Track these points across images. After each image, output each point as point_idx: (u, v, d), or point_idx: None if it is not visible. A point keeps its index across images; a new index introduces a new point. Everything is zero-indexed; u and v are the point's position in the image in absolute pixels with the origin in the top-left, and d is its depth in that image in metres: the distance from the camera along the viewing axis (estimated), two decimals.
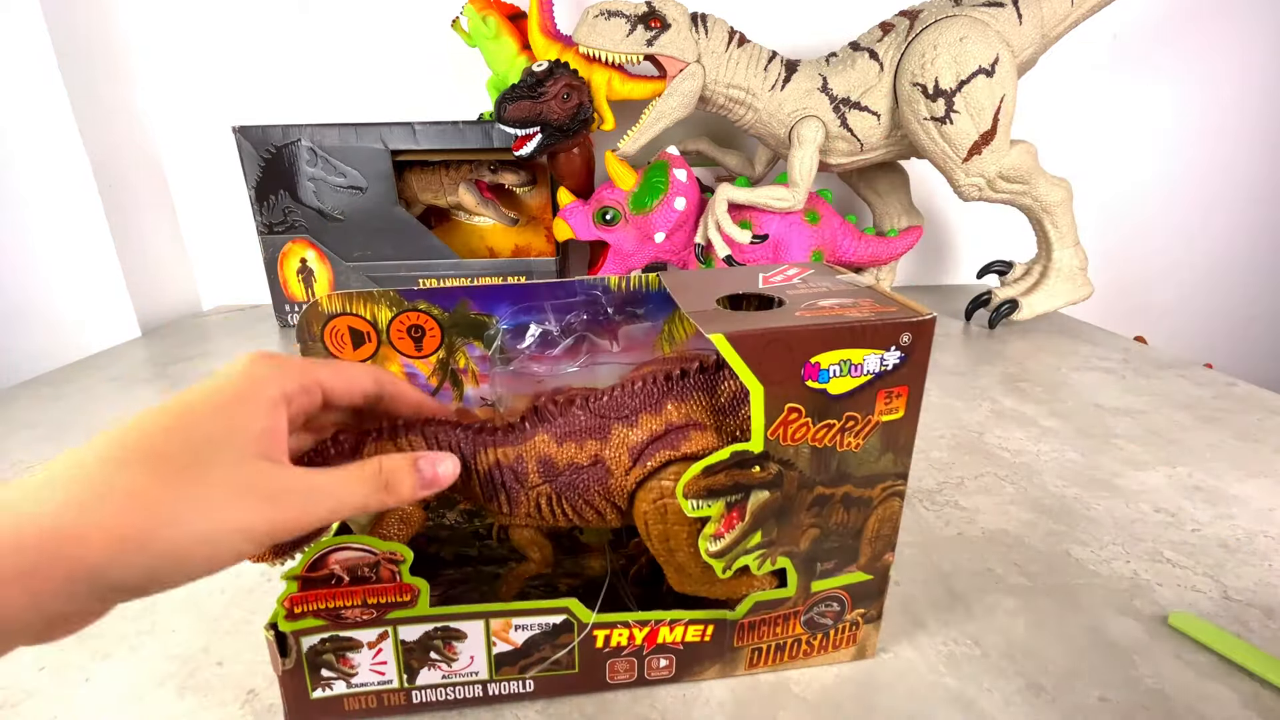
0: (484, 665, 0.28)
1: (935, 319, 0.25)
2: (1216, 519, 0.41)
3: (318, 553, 0.25)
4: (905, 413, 0.26)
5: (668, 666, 0.29)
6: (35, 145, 0.75)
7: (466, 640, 0.27)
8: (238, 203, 0.85)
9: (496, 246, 0.88)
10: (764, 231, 0.74)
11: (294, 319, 0.82)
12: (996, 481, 0.46)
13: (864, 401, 0.25)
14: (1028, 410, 0.56)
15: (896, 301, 0.27)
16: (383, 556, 0.25)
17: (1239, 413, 0.55)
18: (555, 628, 0.28)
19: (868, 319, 0.25)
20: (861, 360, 0.25)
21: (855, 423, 0.26)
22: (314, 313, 0.29)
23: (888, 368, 0.25)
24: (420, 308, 0.30)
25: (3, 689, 0.30)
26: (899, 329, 0.25)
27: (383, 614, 0.26)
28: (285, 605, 0.25)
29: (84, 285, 0.80)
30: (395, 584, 0.26)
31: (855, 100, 0.69)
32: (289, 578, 0.25)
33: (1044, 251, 0.73)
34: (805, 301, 0.27)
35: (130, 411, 0.59)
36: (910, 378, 0.26)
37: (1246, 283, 1.03)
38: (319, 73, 0.86)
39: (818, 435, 0.26)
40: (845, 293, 0.28)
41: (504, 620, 0.27)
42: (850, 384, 0.25)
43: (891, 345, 0.25)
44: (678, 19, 0.68)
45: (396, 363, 0.31)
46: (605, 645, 0.28)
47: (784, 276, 0.30)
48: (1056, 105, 0.91)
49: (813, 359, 0.24)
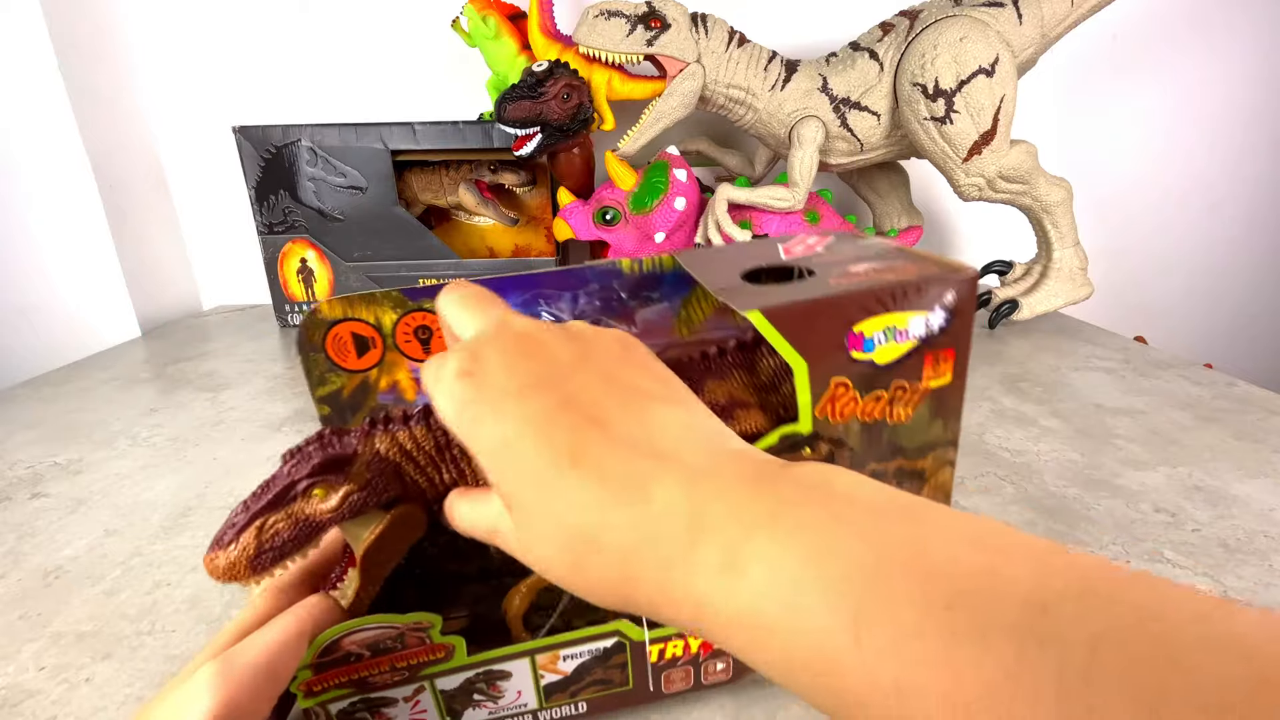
0: (533, 697, 0.26)
1: (978, 273, 0.24)
2: (1216, 519, 0.41)
3: (328, 640, 0.22)
4: (953, 377, 0.24)
5: (724, 669, 0.28)
6: (35, 145, 0.75)
7: (512, 678, 0.25)
8: (238, 203, 0.85)
9: (496, 246, 0.88)
10: (764, 231, 0.74)
11: (294, 319, 0.82)
12: (996, 481, 0.46)
13: (911, 368, 0.24)
14: (1028, 410, 0.56)
15: (931, 260, 0.25)
16: (406, 629, 0.23)
17: (1239, 413, 0.55)
18: (606, 651, 0.26)
19: (908, 279, 0.23)
20: (906, 325, 0.23)
21: (904, 392, 0.24)
22: (314, 321, 0.27)
23: (934, 330, 0.23)
24: (426, 307, 0.28)
25: (3, 689, 0.30)
26: (944, 286, 0.23)
27: (415, 673, 0.24)
28: (301, 689, 0.23)
29: (84, 285, 0.80)
30: (426, 646, 0.23)
31: (855, 100, 0.69)
32: (301, 668, 0.22)
33: (1044, 251, 0.73)
34: (836, 269, 0.25)
35: (130, 411, 0.59)
36: (956, 339, 0.24)
37: (1246, 283, 1.03)
38: (319, 73, 0.86)
39: (866, 409, 0.24)
40: (875, 255, 0.26)
41: (551, 654, 0.25)
42: (897, 351, 0.23)
43: (936, 305, 0.23)
44: (678, 19, 0.68)
45: (404, 368, 0.29)
46: (660, 659, 0.26)
47: (805, 246, 0.29)
48: (1056, 105, 0.91)
49: (856, 328, 0.23)
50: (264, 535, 0.22)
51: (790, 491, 0.15)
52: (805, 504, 0.15)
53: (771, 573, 0.14)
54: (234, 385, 0.65)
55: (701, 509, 0.15)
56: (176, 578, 0.38)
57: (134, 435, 0.55)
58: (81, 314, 0.81)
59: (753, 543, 0.14)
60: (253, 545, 0.22)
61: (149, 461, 0.51)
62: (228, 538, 0.22)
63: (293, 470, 0.23)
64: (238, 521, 0.22)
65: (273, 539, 0.22)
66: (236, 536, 0.22)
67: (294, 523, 0.22)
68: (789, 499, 0.15)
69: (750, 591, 0.14)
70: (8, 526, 0.43)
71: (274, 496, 0.22)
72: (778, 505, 0.15)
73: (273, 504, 0.22)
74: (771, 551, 0.14)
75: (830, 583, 0.13)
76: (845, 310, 0.22)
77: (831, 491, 0.15)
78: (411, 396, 0.30)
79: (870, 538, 0.14)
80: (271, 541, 0.22)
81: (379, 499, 0.23)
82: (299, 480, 0.22)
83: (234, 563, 0.21)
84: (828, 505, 0.15)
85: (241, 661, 0.20)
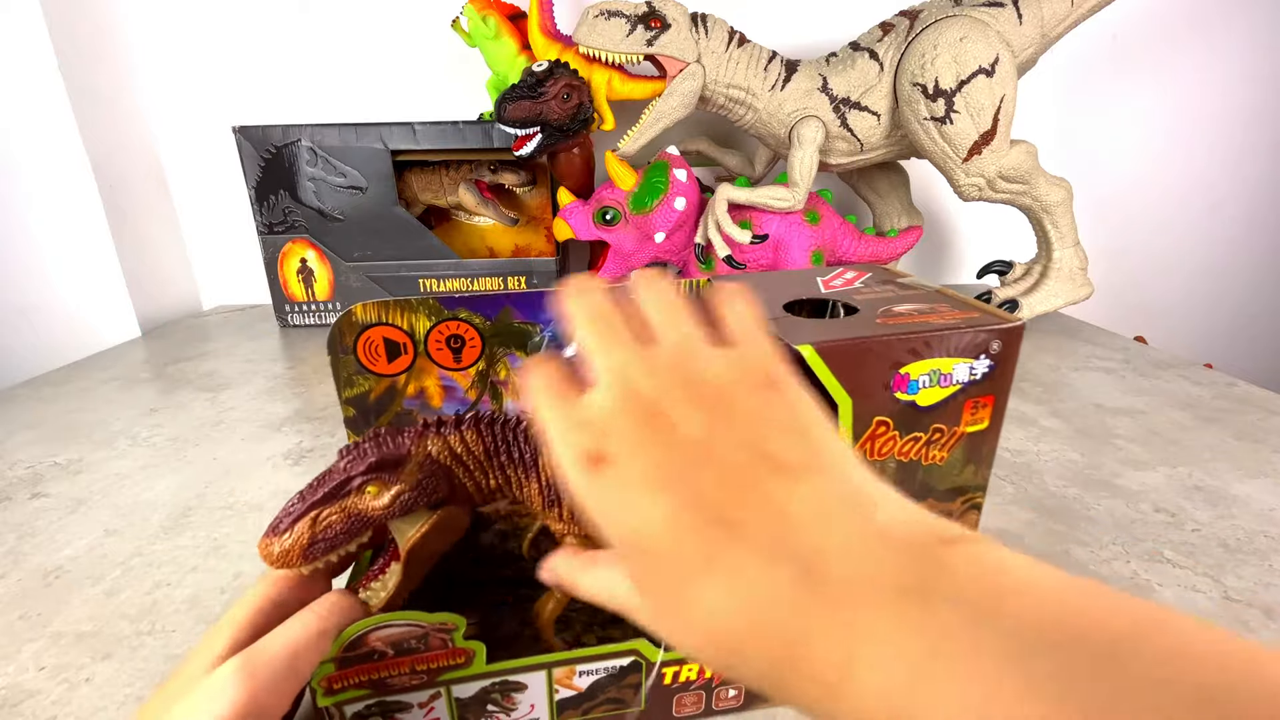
0: (545, 712, 0.26)
1: (1024, 326, 0.24)
2: (1216, 519, 0.41)
3: (355, 634, 0.22)
4: (990, 423, 0.25)
5: (736, 696, 0.28)
6: (35, 145, 0.75)
7: (527, 691, 0.25)
8: (238, 203, 0.85)
9: (496, 246, 0.88)
10: (764, 231, 0.74)
11: (294, 319, 0.82)
12: (996, 481, 0.46)
13: (951, 413, 0.24)
14: (1028, 410, 0.56)
15: (974, 306, 0.25)
16: (431, 629, 0.23)
17: (1239, 413, 0.55)
18: (622, 669, 0.26)
19: (958, 325, 0.23)
20: (951, 370, 0.24)
21: (941, 435, 0.25)
22: (348, 322, 0.27)
23: (976, 377, 0.24)
24: (461, 316, 0.28)
25: (3, 689, 0.30)
26: (991, 336, 0.23)
27: (434, 677, 0.24)
28: (322, 685, 0.23)
29: (84, 285, 0.80)
30: (447, 650, 0.24)
31: (855, 100, 0.69)
32: (324, 661, 0.22)
33: (1044, 251, 0.73)
34: (880, 307, 0.25)
35: (130, 411, 0.59)
36: (997, 387, 0.24)
37: (1246, 283, 1.03)
38: (319, 73, 0.86)
39: (904, 449, 0.24)
40: (918, 298, 0.26)
41: (567, 668, 0.25)
42: (939, 395, 0.24)
43: (982, 354, 0.24)
44: (678, 19, 0.68)
45: (433, 375, 0.29)
46: (674, 681, 0.26)
47: (844, 280, 0.29)
48: (1056, 105, 0.91)
49: (902, 369, 0.23)
50: (318, 526, 0.23)
51: (955, 617, 0.14)
52: (979, 633, 0.13)
53: (951, 714, 0.13)
54: (234, 385, 0.65)
55: (854, 637, 0.14)
56: (176, 578, 0.38)
57: (134, 435, 0.55)
58: (81, 314, 0.81)
59: (926, 683, 0.13)
60: (306, 535, 0.23)
61: (149, 461, 0.51)
62: (283, 525, 0.23)
63: (349, 466, 0.24)
64: (294, 511, 0.23)
65: (325, 530, 0.23)
66: (292, 525, 0.23)
67: (346, 516, 0.23)
68: (958, 626, 0.14)
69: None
70: (8, 526, 0.43)
71: (330, 490, 0.23)
72: (944, 634, 0.14)
73: (328, 497, 0.23)
74: (949, 691, 0.13)
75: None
76: (894, 351, 0.23)
77: (1005, 612, 0.14)
78: (438, 404, 0.30)
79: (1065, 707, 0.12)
80: (325, 533, 0.23)
81: (428, 499, 0.24)
82: (354, 476, 0.23)
83: (288, 550, 0.23)
84: (1008, 641, 0.13)
85: (264, 659, 0.20)
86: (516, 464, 0.25)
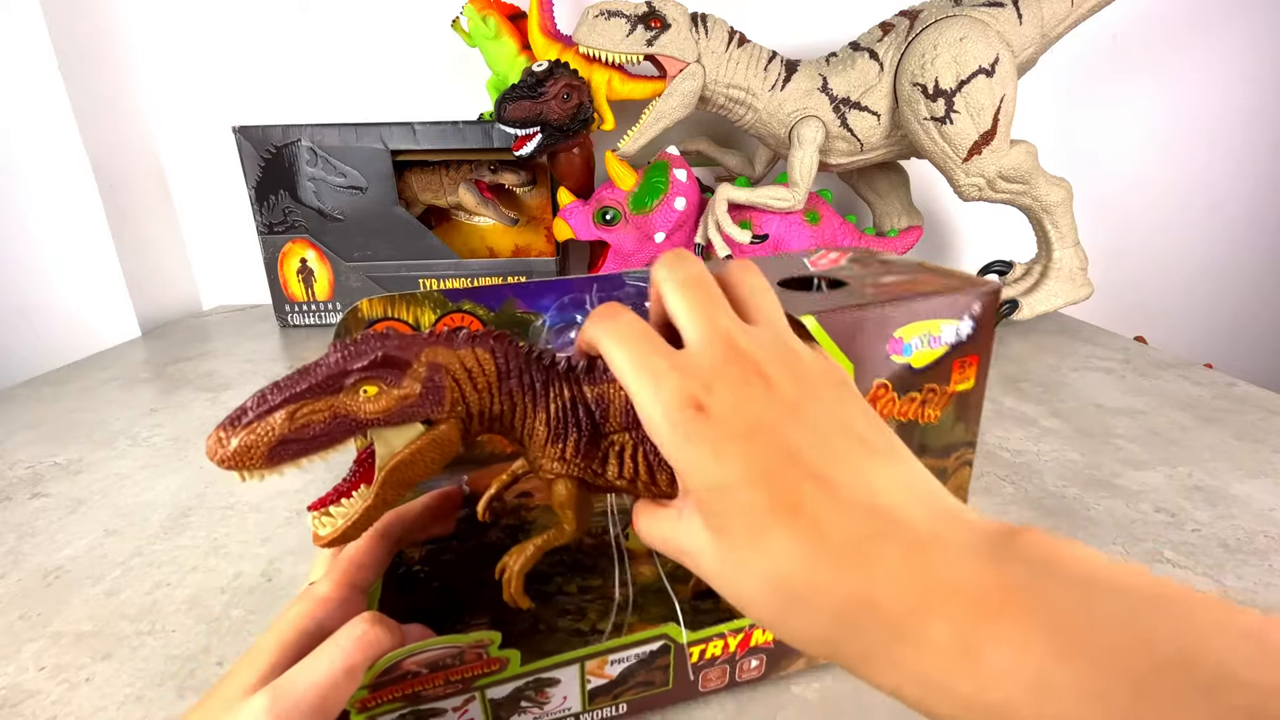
0: (578, 701, 0.26)
1: (1000, 287, 0.26)
2: (1216, 519, 0.41)
3: (390, 663, 0.21)
4: (975, 381, 0.27)
5: (758, 667, 0.29)
6: (36, 145, 0.75)
7: (560, 685, 0.26)
8: (238, 203, 0.85)
9: (496, 246, 0.88)
10: (764, 231, 0.74)
11: (294, 319, 0.82)
12: (996, 481, 0.46)
13: (941, 372, 0.26)
14: (1028, 410, 0.56)
15: (952, 274, 0.27)
16: (468, 647, 0.22)
17: (1239, 413, 0.55)
18: (652, 654, 0.26)
19: (940, 290, 0.25)
20: (939, 331, 0.25)
21: (934, 394, 0.26)
22: (353, 318, 0.28)
23: (962, 338, 0.26)
24: (465, 308, 0.29)
25: (3, 689, 0.30)
26: (971, 297, 0.25)
27: (469, 685, 0.24)
28: (355, 705, 0.22)
29: (84, 285, 0.80)
30: (483, 660, 0.23)
31: (855, 100, 0.69)
32: (360, 688, 0.21)
33: (1044, 251, 0.73)
34: (868, 279, 0.27)
35: (130, 411, 0.59)
36: (980, 346, 0.26)
37: (1246, 283, 1.03)
38: (319, 73, 0.86)
39: (902, 409, 0.26)
40: (900, 270, 0.28)
41: (600, 659, 0.26)
42: (931, 356, 0.26)
43: (965, 314, 0.25)
44: (678, 19, 0.68)
45: None
46: (700, 659, 0.27)
47: (829, 261, 0.31)
48: (1056, 105, 0.91)
49: (896, 333, 0.25)
50: (295, 421, 0.19)
51: (1024, 570, 0.14)
52: (1046, 585, 0.14)
53: (1015, 662, 0.13)
54: (234, 385, 0.65)
55: (928, 582, 0.15)
56: (176, 578, 0.38)
57: (134, 435, 0.55)
58: (81, 314, 0.81)
59: (992, 625, 0.14)
60: (279, 430, 0.19)
61: (149, 461, 0.51)
62: (250, 417, 0.19)
63: (345, 359, 0.20)
64: (270, 401, 0.19)
65: (304, 429, 0.19)
66: (262, 416, 0.19)
67: (332, 415, 0.20)
68: (1026, 578, 0.14)
69: (989, 678, 0.14)
70: (8, 526, 0.43)
71: (318, 382, 0.20)
72: (1014, 584, 0.14)
73: (314, 390, 0.19)
74: (1013, 637, 0.14)
75: (1092, 686, 0.13)
76: (889, 316, 0.24)
77: (1069, 571, 0.14)
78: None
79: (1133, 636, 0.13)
80: (301, 432, 0.19)
81: (426, 412, 0.21)
82: (351, 371, 0.20)
83: (250, 446, 0.19)
84: (1073, 590, 0.14)
85: (291, 701, 0.20)
86: (527, 389, 0.23)
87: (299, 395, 0.19)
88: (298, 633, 0.22)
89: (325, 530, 0.21)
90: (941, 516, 0.17)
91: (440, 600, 0.30)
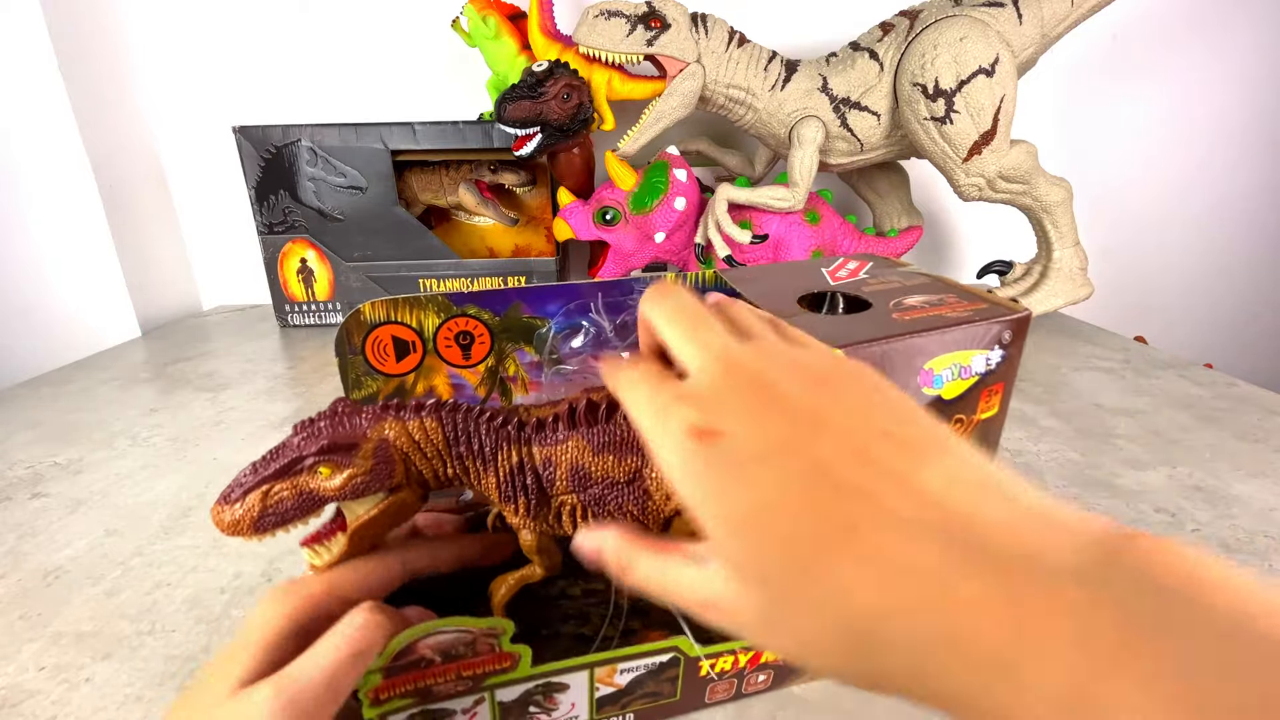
0: (585, 709, 0.26)
1: (1031, 314, 0.25)
2: (1216, 519, 0.41)
3: (405, 643, 0.22)
4: (999, 409, 0.26)
5: (765, 680, 0.28)
6: (36, 145, 0.75)
7: (568, 691, 0.26)
8: (238, 203, 0.85)
9: (496, 246, 0.88)
10: (764, 231, 0.74)
11: (294, 319, 0.82)
12: None
13: (970, 402, 0.25)
14: (1028, 410, 0.56)
15: (979, 296, 0.26)
16: (480, 634, 0.23)
17: (1239, 413, 0.55)
18: (661, 665, 0.26)
19: (972, 318, 0.24)
20: (970, 362, 0.24)
21: (961, 425, 0.25)
22: (355, 322, 0.27)
23: (991, 367, 0.25)
24: (470, 313, 0.28)
25: (3, 689, 0.30)
26: (1004, 326, 0.24)
27: (479, 683, 0.24)
28: (369, 696, 0.23)
29: (84, 285, 0.80)
30: (495, 654, 0.24)
31: (855, 100, 0.69)
32: (371, 671, 0.22)
33: (1044, 251, 0.73)
34: (891, 300, 0.26)
35: (130, 411, 0.59)
36: (1006, 374, 0.25)
37: (1246, 283, 1.03)
38: (319, 73, 0.86)
39: None
40: (926, 289, 0.27)
41: (609, 667, 0.25)
42: (961, 386, 0.24)
43: (995, 344, 0.24)
44: (678, 19, 0.68)
45: (442, 374, 0.29)
46: (709, 672, 0.27)
47: (848, 271, 0.30)
48: (1056, 105, 0.91)
49: (927, 365, 0.24)
50: (269, 500, 0.23)
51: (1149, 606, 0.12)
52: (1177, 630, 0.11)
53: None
54: (234, 385, 0.65)
55: (1026, 612, 0.12)
56: (176, 578, 0.38)
57: (134, 435, 0.55)
58: (81, 314, 0.81)
59: (1111, 682, 0.11)
60: (257, 508, 0.23)
61: (149, 461, 0.51)
62: (234, 496, 0.23)
63: (302, 444, 0.23)
64: (245, 482, 0.23)
65: (276, 505, 0.23)
66: (243, 496, 0.23)
67: (297, 493, 0.23)
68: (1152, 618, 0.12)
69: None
70: (8, 526, 0.43)
71: (281, 466, 0.23)
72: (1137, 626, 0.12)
73: (279, 473, 0.23)
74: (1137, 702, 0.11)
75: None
76: (919, 347, 0.23)
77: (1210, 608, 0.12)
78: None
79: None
80: (275, 508, 0.23)
81: (381, 485, 0.24)
82: (306, 456, 0.23)
83: (239, 520, 0.23)
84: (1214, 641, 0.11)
85: (301, 685, 0.20)
86: (475, 455, 0.24)
87: (269, 478, 0.23)
88: (281, 631, 0.22)
89: (319, 561, 0.24)
90: (1024, 518, 0.14)
91: (438, 604, 0.30)
